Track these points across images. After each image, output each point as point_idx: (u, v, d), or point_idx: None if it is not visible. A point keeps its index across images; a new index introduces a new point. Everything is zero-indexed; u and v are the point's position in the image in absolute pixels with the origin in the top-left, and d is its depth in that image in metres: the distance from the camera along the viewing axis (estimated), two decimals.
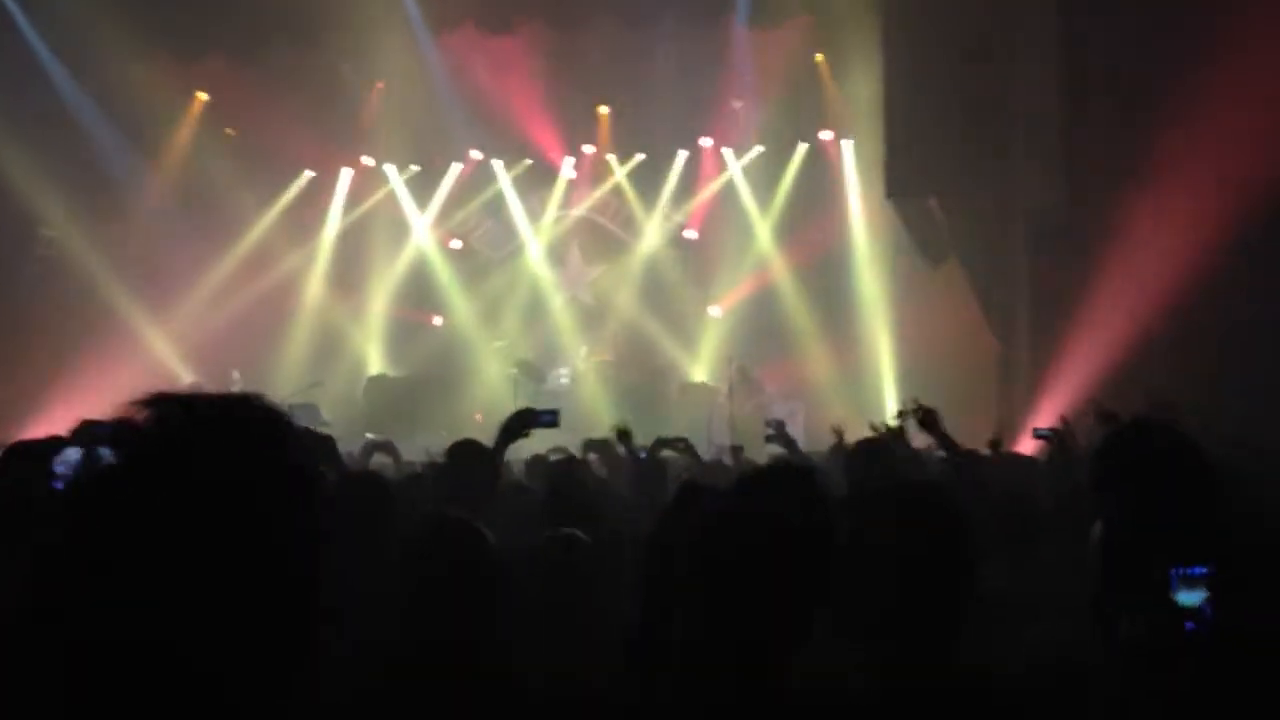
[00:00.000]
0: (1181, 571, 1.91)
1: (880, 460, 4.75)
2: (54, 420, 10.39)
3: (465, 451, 4.35)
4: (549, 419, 4.53)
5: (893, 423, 5.39)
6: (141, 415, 1.10)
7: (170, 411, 1.10)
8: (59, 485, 3.32)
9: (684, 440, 7.03)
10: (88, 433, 3.49)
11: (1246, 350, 9.42)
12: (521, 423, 4.47)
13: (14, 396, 12.39)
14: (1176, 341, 9.62)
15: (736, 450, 8.41)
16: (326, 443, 4.73)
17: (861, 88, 14.18)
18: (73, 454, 3.56)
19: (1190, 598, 1.88)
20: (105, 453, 1.10)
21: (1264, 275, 9.53)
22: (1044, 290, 11.46)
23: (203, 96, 14.78)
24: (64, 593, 1.03)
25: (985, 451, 6.13)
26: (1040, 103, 11.36)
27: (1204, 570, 1.88)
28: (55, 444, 3.62)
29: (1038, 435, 6.52)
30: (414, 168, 16.38)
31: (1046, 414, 9.81)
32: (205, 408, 1.13)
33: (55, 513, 1.07)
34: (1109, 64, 10.48)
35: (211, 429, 1.10)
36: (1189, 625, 1.86)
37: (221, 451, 1.08)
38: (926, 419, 4.85)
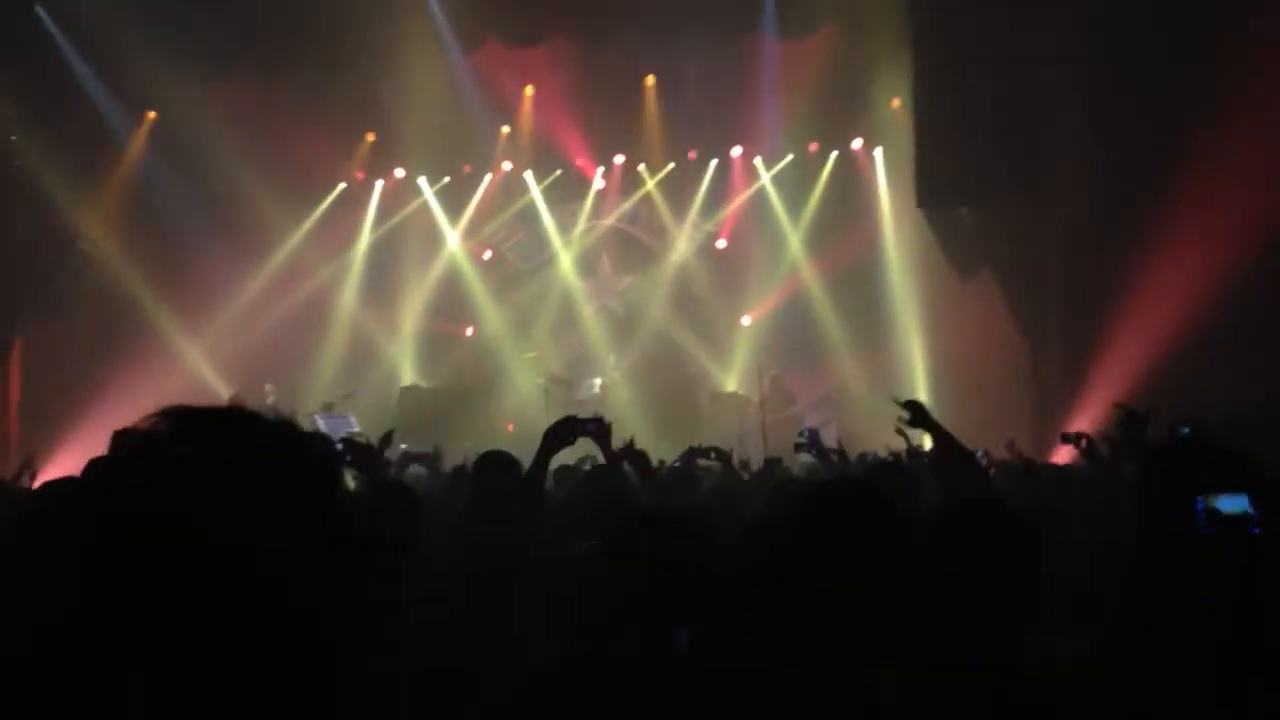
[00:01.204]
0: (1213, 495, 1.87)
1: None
2: (90, 434, 10.53)
3: (493, 463, 4.36)
4: (593, 427, 4.51)
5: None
6: (152, 428, 1.10)
7: (179, 425, 1.10)
8: None
9: (716, 449, 6.99)
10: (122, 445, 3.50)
11: (1273, 356, 9.31)
12: (566, 431, 4.44)
13: (50, 409, 12.55)
14: (1209, 348, 9.52)
15: (773, 462, 8.32)
16: (369, 452, 4.73)
17: (892, 97, 14.17)
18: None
19: (1231, 504, 1.84)
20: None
21: None
22: (1075, 299, 11.38)
23: (236, 111, 14.93)
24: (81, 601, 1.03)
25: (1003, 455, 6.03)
26: (1070, 112, 11.29)
27: (1246, 490, 1.84)
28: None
29: (1065, 440, 6.46)
30: (445, 179, 16.47)
31: (1080, 422, 9.75)
32: (216, 421, 1.12)
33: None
34: (1138, 73, 10.41)
35: (223, 441, 1.10)
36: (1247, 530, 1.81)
37: (233, 464, 1.08)
38: (914, 415, 4.59)
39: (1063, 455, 8.12)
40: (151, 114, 14.31)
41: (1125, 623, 2.30)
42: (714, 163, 16.12)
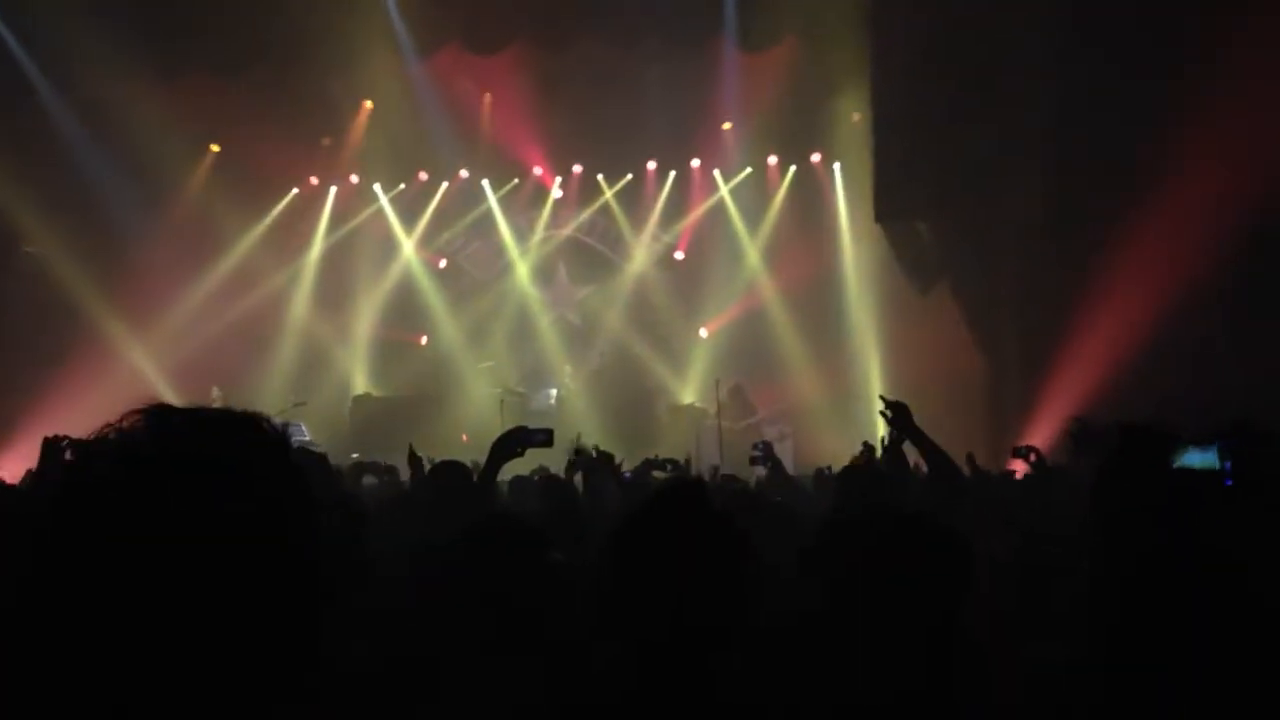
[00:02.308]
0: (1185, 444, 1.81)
1: (863, 485, 4.61)
2: (32, 437, 10.24)
3: (448, 473, 4.25)
4: (543, 438, 4.41)
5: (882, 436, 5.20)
6: (131, 425, 1.08)
7: (159, 420, 1.09)
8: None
9: (673, 461, 6.94)
10: (52, 451, 3.40)
11: (1237, 367, 9.39)
12: (515, 442, 4.35)
13: None
14: (1167, 360, 9.58)
15: (713, 470, 8.31)
16: (320, 461, 4.63)
17: (850, 110, 14.21)
18: None
19: (1200, 458, 1.78)
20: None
21: (1254, 292, 9.51)
22: (1033, 313, 11.44)
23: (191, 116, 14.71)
24: (55, 604, 1.01)
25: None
26: (1028, 128, 11.36)
27: (1216, 443, 1.79)
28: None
29: (1015, 454, 6.45)
30: (401, 186, 16.32)
31: (1037, 435, 9.78)
32: (195, 418, 1.12)
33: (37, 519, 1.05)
34: (1098, 87, 10.49)
35: (202, 436, 1.09)
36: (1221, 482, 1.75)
37: (213, 459, 1.07)
38: (896, 418, 4.52)
39: (1018, 469, 8.11)
40: (100, 113, 14.01)
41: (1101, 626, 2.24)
42: (673, 174, 16.09)
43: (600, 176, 16.26)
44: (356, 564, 2.92)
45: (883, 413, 4.57)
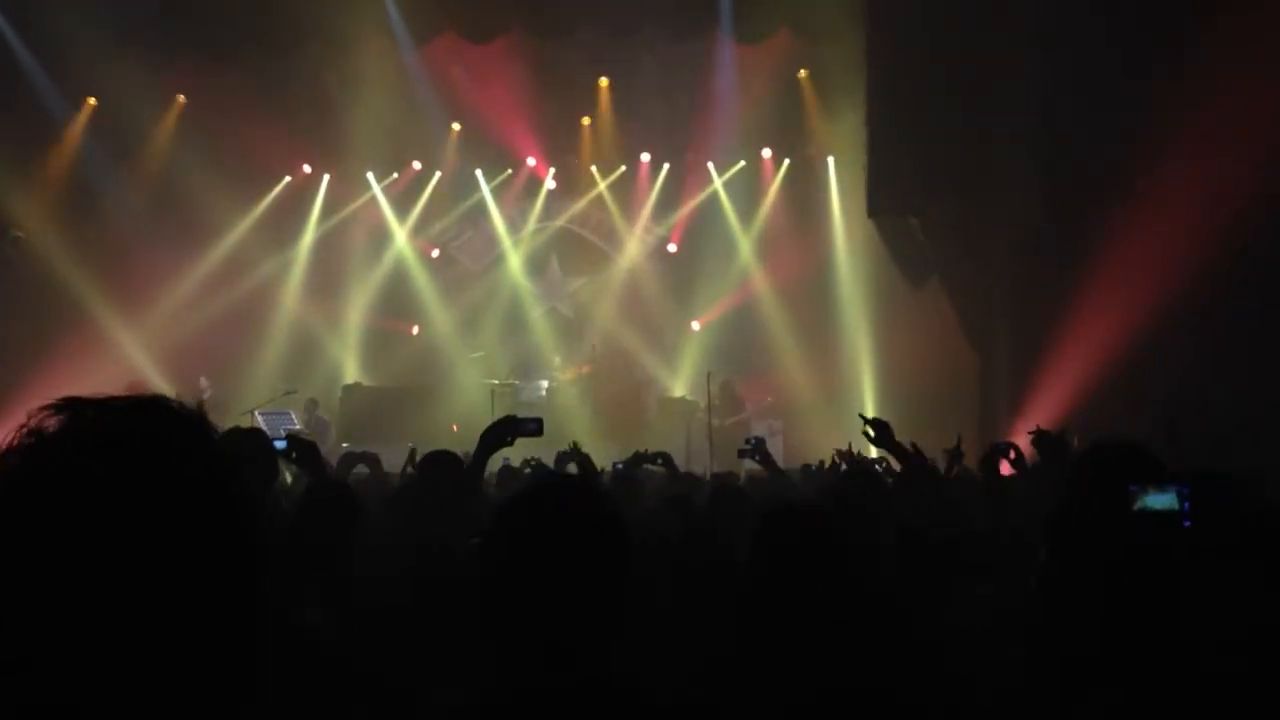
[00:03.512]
0: (1143, 486, 1.81)
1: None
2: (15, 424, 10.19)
3: (437, 463, 4.24)
4: (533, 427, 4.40)
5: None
6: (51, 421, 1.04)
7: (79, 416, 1.05)
8: None
9: (664, 455, 6.96)
10: None
11: (1226, 365, 9.43)
12: (505, 430, 4.34)
13: None
14: (1158, 357, 9.61)
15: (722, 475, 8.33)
16: (310, 449, 4.61)
17: (844, 105, 14.19)
18: None
19: (1160, 500, 1.78)
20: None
21: (1245, 290, 9.54)
22: (1024, 308, 11.46)
23: (181, 99, 14.66)
24: None
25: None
26: (1021, 124, 11.37)
27: (1174, 485, 1.79)
28: None
29: (995, 450, 6.43)
30: (394, 175, 16.27)
31: (1023, 432, 9.78)
32: (118, 411, 1.07)
33: None
34: (1088, 84, 10.50)
35: (119, 433, 1.05)
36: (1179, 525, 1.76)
37: (130, 457, 1.03)
38: (878, 434, 4.69)
39: (1005, 466, 8.12)
40: (91, 100, 13.96)
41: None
42: (666, 166, 16.07)
43: (594, 168, 16.22)
44: (344, 552, 2.91)
45: (864, 431, 4.72)
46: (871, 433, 4.65)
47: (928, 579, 2.94)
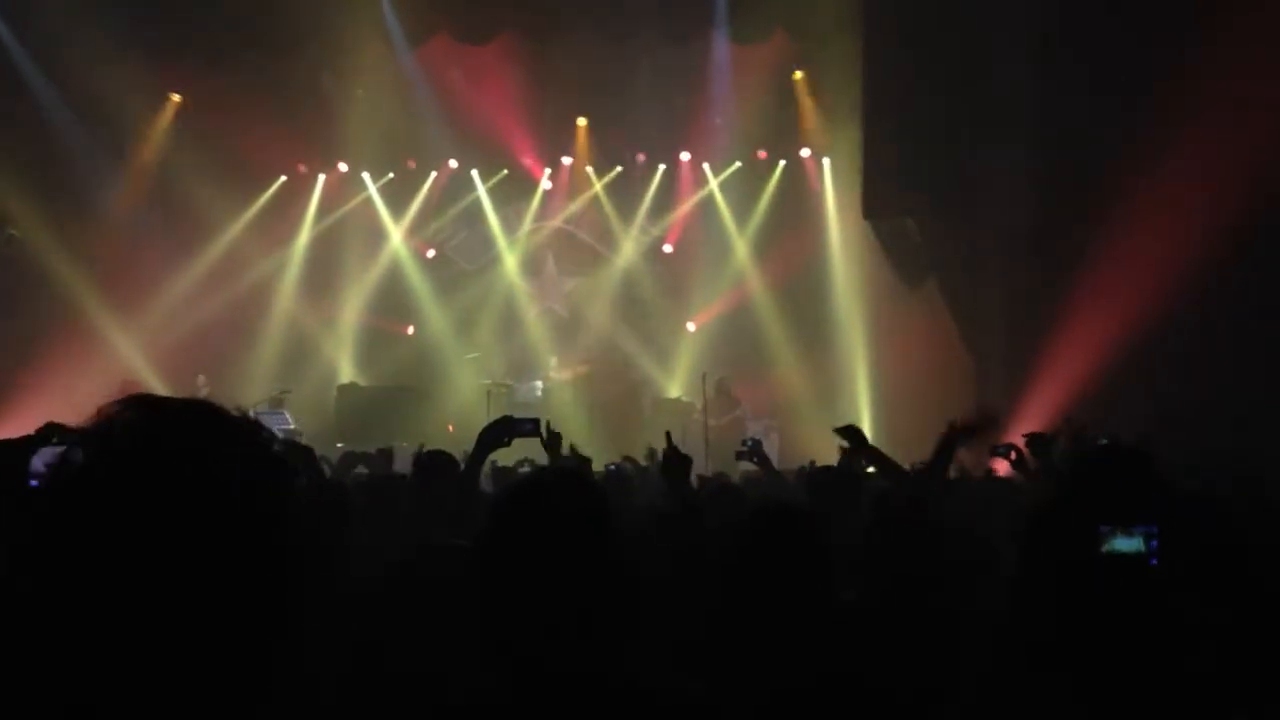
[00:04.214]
0: (1114, 526, 1.82)
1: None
2: (15, 422, 10.20)
3: (431, 464, 4.24)
4: (530, 427, 4.40)
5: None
6: (116, 414, 1.09)
7: (145, 411, 1.09)
8: (35, 484, 3.25)
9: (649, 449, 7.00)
10: (51, 436, 3.36)
11: (1221, 364, 9.45)
12: (502, 431, 4.34)
13: None
14: (1152, 357, 9.64)
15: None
16: (306, 453, 4.62)
17: (840, 106, 14.21)
18: (51, 452, 3.42)
19: (1128, 544, 1.80)
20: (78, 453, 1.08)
21: (1238, 290, 9.57)
22: (1019, 309, 11.47)
23: (176, 99, 14.64)
24: (38, 590, 1.02)
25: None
26: (1016, 126, 11.39)
27: (1143, 527, 1.80)
28: (29, 442, 3.51)
29: (995, 453, 6.45)
30: (390, 175, 16.26)
31: (1020, 432, 9.78)
32: (181, 409, 1.12)
33: (31, 511, 1.07)
34: (1082, 87, 10.52)
35: (187, 428, 1.10)
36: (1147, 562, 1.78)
37: (198, 450, 1.08)
38: (851, 442, 4.68)
39: (1003, 466, 8.14)
40: (89, 101, 13.92)
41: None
42: (662, 167, 16.07)
43: (589, 169, 16.22)
44: (338, 553, 2.91)
45: (841, 446, 4.70)
46: (845, 444, 4.64)
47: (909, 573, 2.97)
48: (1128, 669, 1.69)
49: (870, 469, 6.40)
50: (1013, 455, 5.92)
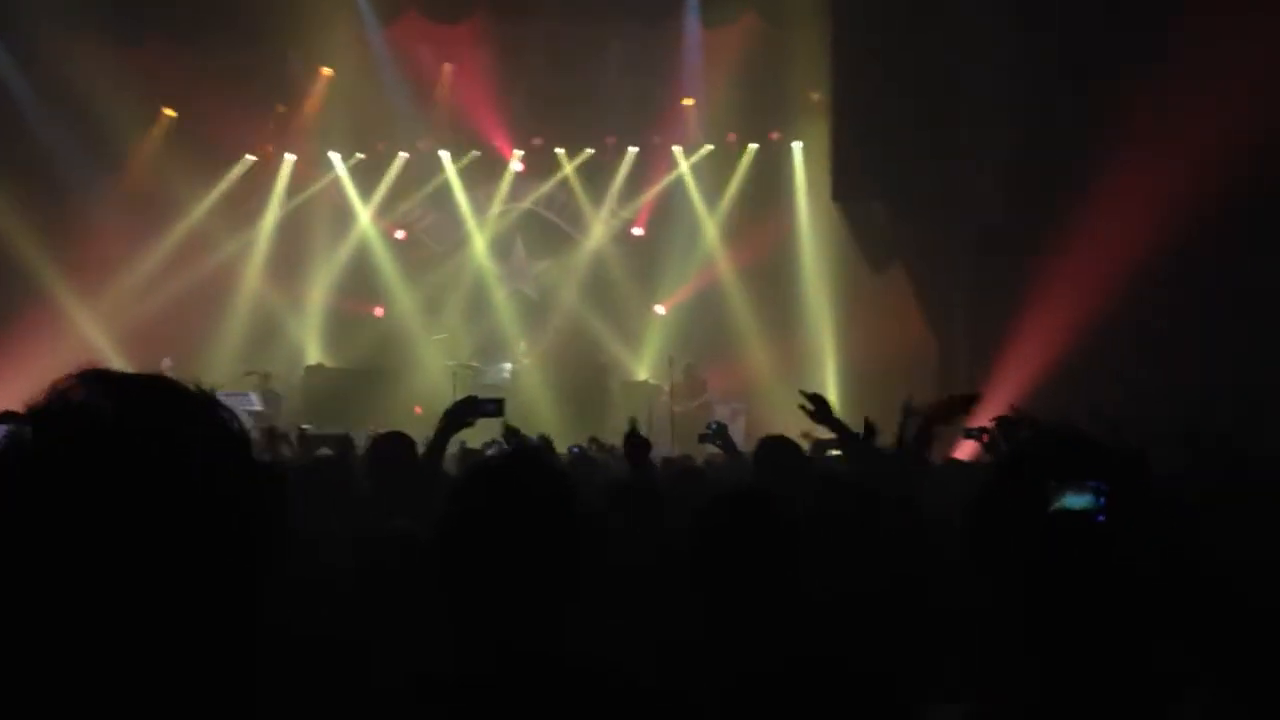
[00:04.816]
0: (1061, 485, 1.83)
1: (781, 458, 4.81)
2: None
3: (389, 446, 4.23)
4: (493, 408, 4.40)
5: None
6: (69, 390, 1.06)
7: (100, 387, 1.06)
8: None
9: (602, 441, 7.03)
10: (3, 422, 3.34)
11: (1181, 353, 9.57)
12: (465, 411, 4.33)
13: None
14: (1112, 345, 9.74)
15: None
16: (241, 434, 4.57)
17: (811, 89, 14.22)
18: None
19: (1078, 500, 1.80)
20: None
21: (1198, 280, 9.69)
22: (985, 294, 11.56)
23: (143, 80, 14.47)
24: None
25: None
26: (984, 112, 11.45)
27: (1094, 482, 1.81)
28: None
29: (968, 435, 6.51)
30: (359, 156, 16.15)
31: (984, 416, 9.87)
32: (137, 384, 1.09)
33: None
34: (1053, 78, 10.59)
35: (144, 404, 1.07)
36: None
37: (156, 421, 1.05)
38: (816, 408, 4.69)
39: (965, 450, 8.22)
40: (53, 76, 13.74)
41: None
42: (632, 149, 16.03)
43: (560, 150, 16.16)
44: (280, 532, 2.89)
45: (802, 406, 4.70)
46: (810, 407, 4.66)
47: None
48: (1093, 642, 1.71)
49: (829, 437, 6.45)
50: (984, 438, 5.94)
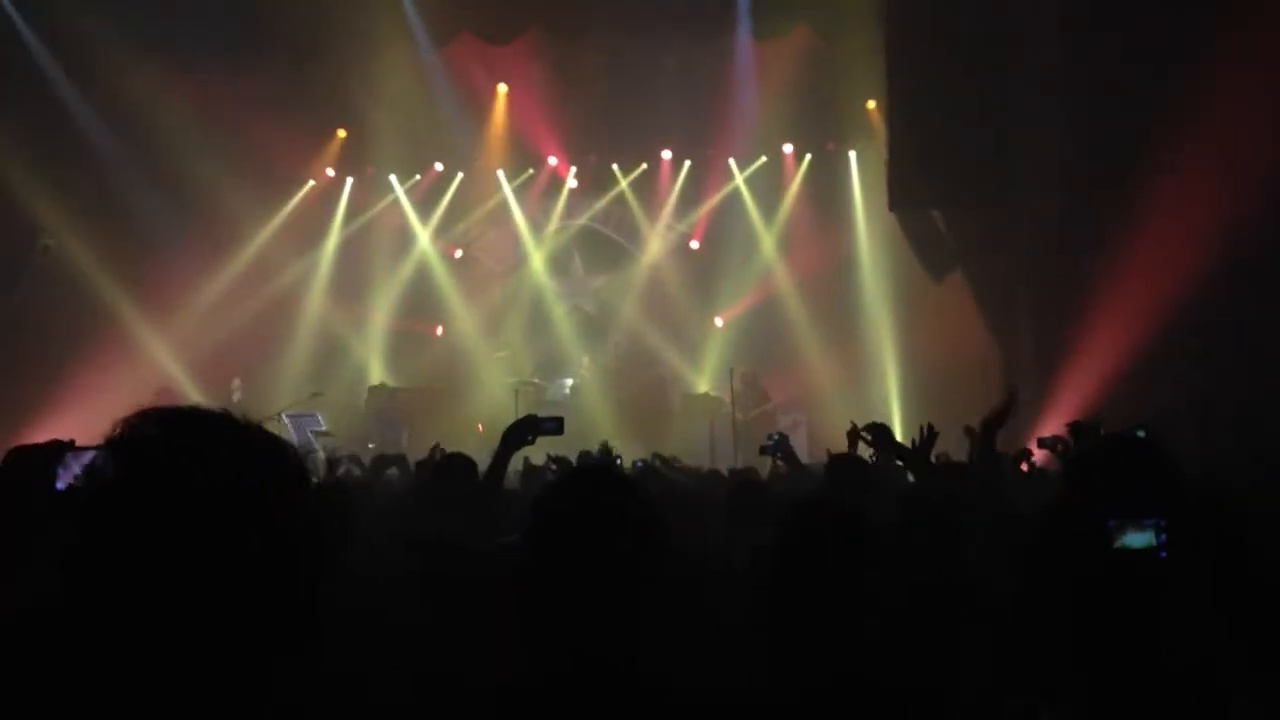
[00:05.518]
0: (1123, 520, 1.81)
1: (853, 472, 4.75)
2: (52, 431, 10.32)
3: (452, 466, 4.27)
4: (553, 426, 4.41)
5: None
6: (139, 426, 1.15)
7: (167, 425, 1.16)
8: (61, 487, 3.36)
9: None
10: (64, 450, 3.45)
11: (1244, 356, 9.36)
12: (526, 430, 4.36)
13: (11, 404, 12.32)
14: (1178, 350, 9.56)
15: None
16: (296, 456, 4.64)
17: (865, 99, 14.16)
18: (76, 459, 3.52)
19: (1138, 539, 1.78)
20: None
21: (1263, 282, 9.47)
22: (1047, 301, 11.40)
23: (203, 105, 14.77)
24: (83, 590, 1.10)
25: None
26: (1042, 116, 11.31)
27: (1152, 519, 1.79)
28: (58, 448, 3.59)
29: (1041, 444, 6.47)
30: (416, 177, 16.34)
31: (1052, 424, 9.74)
32: (202, 419, 1.19)
33: (59, 514, 1.15)
34: (1111, 75, 10.43)
35: (210, 436, 1.16)
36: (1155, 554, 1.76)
37: (222, 457, 1.14)
38: (876, 438, 4.69)
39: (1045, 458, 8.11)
40: (117, 105, 14.06)
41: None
42: (688, 163, 16.06)
43: (615, 166, 16.23)
44: (336, 558, 2.94)
45: (861, 436, 4.69)
46: (868, 437, 4.65)
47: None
48: (1141, 666, 1.69)
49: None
50: (1059, 447, 5.90)
